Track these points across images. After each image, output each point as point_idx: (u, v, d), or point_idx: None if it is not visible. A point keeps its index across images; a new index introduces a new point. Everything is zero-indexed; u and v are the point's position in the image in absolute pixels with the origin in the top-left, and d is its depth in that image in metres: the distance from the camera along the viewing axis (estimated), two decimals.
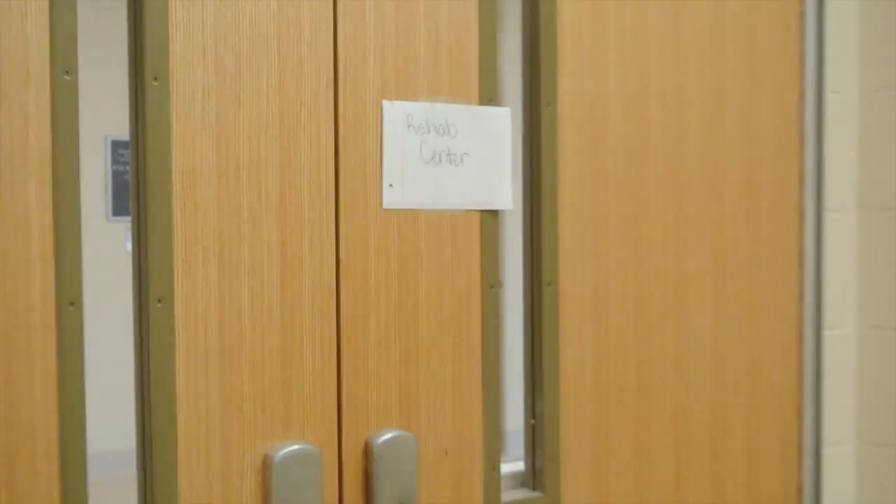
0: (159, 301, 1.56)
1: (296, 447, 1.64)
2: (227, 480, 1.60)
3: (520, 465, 1.93)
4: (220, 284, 1.60)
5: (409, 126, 1.75)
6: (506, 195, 1.85)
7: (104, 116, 1.39)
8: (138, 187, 1.56)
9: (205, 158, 1.59)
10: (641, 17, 2.01)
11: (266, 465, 1.63)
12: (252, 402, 1.62)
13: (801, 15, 2.23)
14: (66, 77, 1.49)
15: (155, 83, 1.55)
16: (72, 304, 1.49)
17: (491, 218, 1.85)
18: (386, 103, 1.73)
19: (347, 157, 1.70)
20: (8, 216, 1.45)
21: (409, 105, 1.75)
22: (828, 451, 2.26)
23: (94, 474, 1.52)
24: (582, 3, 1.93)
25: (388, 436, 1.73)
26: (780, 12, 2.20)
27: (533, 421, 1.92)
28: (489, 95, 1.83)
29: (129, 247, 1.59)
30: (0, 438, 1.44)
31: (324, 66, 1.68)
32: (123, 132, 1.58)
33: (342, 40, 1.69)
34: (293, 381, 1.66)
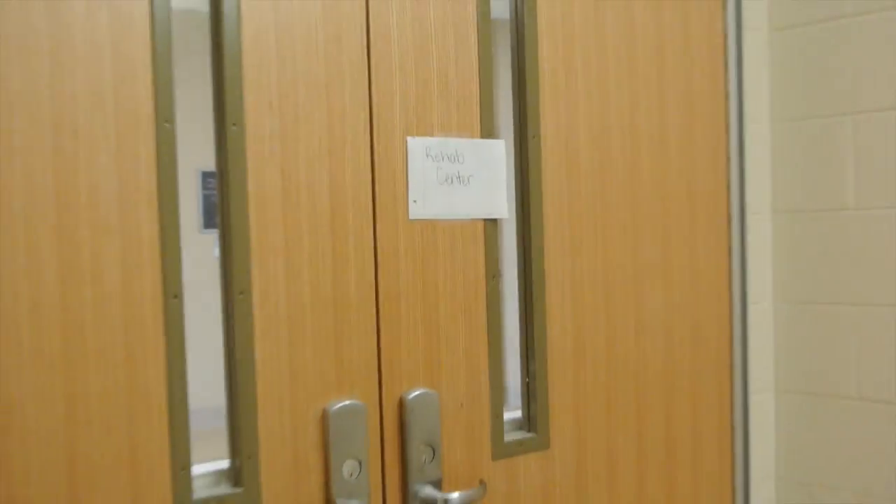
0: (241, 293, 1.56)
1: (347, 402, 1.64)
2: (294, 429, 1.61)
3: (518, 413, 1.93)
4: (286, 279, 1.60)
5: (427, 156, 1.75)
6: (503, 207, 1.85)
7: (196, 153, 1.39)
8: (223, 207, 1.57)
9: (272, 184, 1.59)
10: (604, 69, 2.00)
11: (324, 417, 1.64)
12: (312, 369, 1.63)
13: (725, 65, 2.23)
14: (167, 125, 1.49)
15: (234, 128, 1.56)
16: (175, 296, 1.50)
17: (492, 225, 1.85)
18: (410, 139, 1.74)
19: (381, 180, 1.71)
20: (125, 231, 1.46)
21: (427, 140, 1.75)
22: (753, 398, 2.26)
23: (194, 425, 1.53)
24: (558, 62, 1.92)
25: (417, 392, 1.73)
26: (709, 64, 2.19)
27: (527, 379, 1.92)
28: (488, 131, 1.83)
29: (216, 253, 1.59)
30: (123, 399, 1.46)
31: (362, 112, 1.68)
32: (210, 165, 1.58)
33: (375, 92, 1.70)
34: (343, 352, 1.66)
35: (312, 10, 1.63)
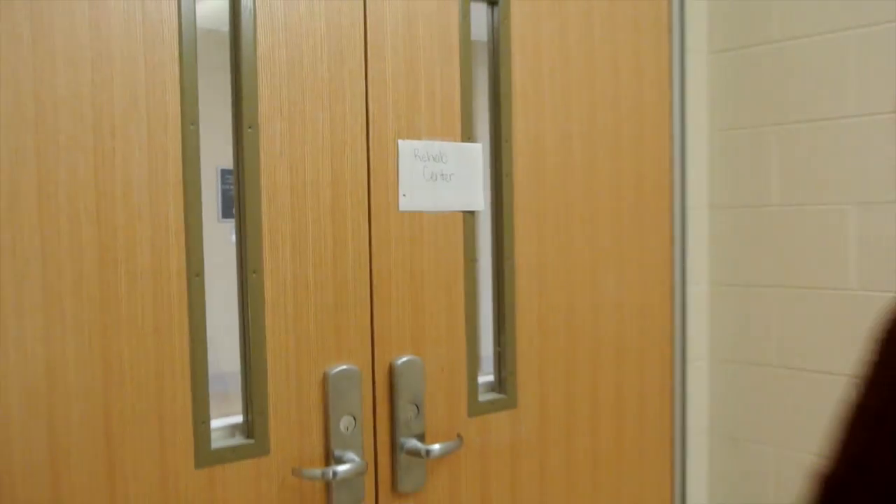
0: (254, 272, 1.56)
1: (344, 367, 1.64)
2: (299, 389, 1.61)
3: (490, 377, 1.93)
4: (293, 261, 1.60)
5: (415, 156, 1.75)
6: (480, 201, 1.85)
7: (215, 153, 1.38)
8: (239, 199, 1.57)
9: (282, 179, 1.59)
10: (567, 84, 2.00)
11: (325, 380, 1.64)
12: (315, 339, 1.62)
13: (671, 82, 2.23)
14: (192, 127, 1.49)
15: (250, 130, 1.55)
16: (197, 275, 1.50)
17: (470, 216, 1.85)
18: (401, 141, 1.73)
19: (375, 177, 1.70)
20: (155, 217, 1.46)
21: (415, 142, 1.75)
22: (690, 365, 2.27)
23: (212, 389, 1.53)
24: (528, 78, 1.92)
25: (405, 359, 1.73)
26: (656, 80, 2.20)
27: (499, 348, 1.93)
28: (468, 135, 1.83)
29: (233, 238, 1.59)
30: (151, 362, 1.46)
31: (359, 117, 1.68)
32: (228, 163, 1.58)
33: (371, 101, 1.69)
34: (341, 324, 1.66)
35: (317, 29, 1.62)
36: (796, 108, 2.09)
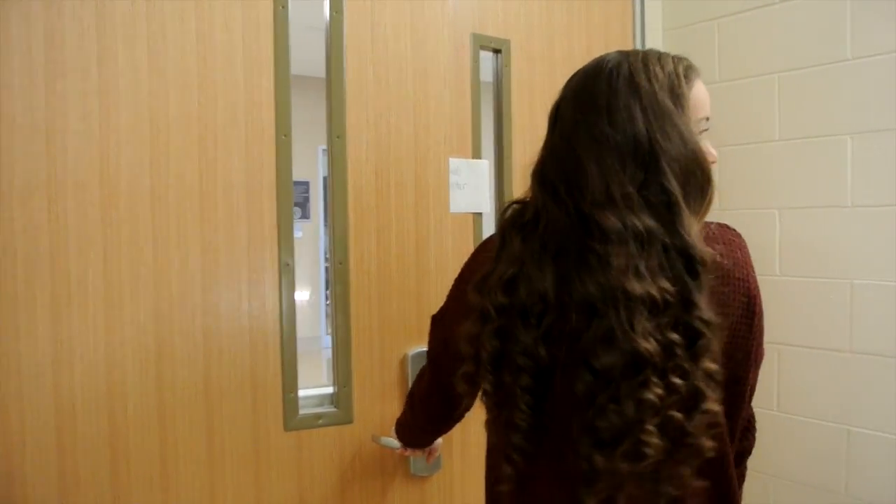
0: (340, 262, 1.35)
1: (421, 349, 1.40)
2: (382, 367, 1.39)
3: None
4: (377, 252, 1.37)
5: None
6: (486, 205, 1.69)
7: (294, 167, 1.23)
8: (332, 197, 1.34)
9: (367, 181, 1.36)
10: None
11: (404, 359, 1.41)
12: (397, 322, 1.39)
13: None
14: (284, 137, 1.28)
15: (338, 139, 1.36)
16: (287, 263, 1.29)
17: (478, 216, 1.66)
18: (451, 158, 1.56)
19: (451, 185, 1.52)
20: (251, 216, 1.25)
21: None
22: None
23: (300, 348, 1.34)
24: (524, 108, 1.74)
25: None
26: None
27: None
28: (477, 154, 1.66)
29: (298, 235, 1.40)
30: (247, 340, 1.26)
31: (443, 129, 1.48)
32: (301, 176, 1.40)
33: (454, 115, 1.51)
34: (422, 309, 1.43)
35: (404, 51, 1.42)
36: (731, 134, 2.04)
